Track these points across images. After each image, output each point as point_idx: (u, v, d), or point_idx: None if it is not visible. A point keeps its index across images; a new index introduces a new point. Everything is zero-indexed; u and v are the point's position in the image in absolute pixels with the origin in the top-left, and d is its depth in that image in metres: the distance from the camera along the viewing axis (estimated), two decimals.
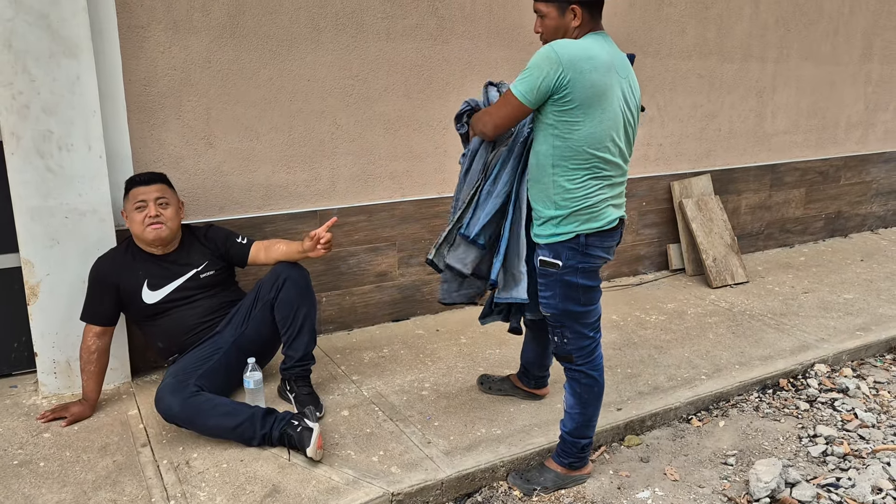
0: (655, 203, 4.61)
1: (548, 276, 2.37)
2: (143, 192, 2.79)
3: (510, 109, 2.28)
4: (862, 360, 3.65)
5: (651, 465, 2.75)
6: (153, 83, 3.03)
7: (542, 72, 2.16)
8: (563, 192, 2.28)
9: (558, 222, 2.31)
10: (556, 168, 2.27)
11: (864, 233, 5.80)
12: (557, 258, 2.33)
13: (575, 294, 2.37)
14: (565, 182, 2.27)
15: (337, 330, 3.71)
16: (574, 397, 2.49)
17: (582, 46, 2.18)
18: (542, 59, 2.16)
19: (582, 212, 2.29)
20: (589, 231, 2.31)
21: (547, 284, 2.38)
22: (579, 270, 2.34)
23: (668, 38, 4.37)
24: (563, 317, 2.40)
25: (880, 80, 5.47)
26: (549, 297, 2.39)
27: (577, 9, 2.23)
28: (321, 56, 3.35)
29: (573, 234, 2.31)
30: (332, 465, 2.53)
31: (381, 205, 3.67)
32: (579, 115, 2.19)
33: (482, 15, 3.71)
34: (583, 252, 2.32)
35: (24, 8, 2.62)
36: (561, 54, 2.15)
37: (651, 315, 4.00)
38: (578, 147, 2.23)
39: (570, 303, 2.38)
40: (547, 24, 2.29)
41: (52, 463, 2.54)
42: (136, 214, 2.77)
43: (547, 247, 2.36)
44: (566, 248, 2.32)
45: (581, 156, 2.24)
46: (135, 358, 3.18)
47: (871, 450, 2.86)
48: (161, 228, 2.79)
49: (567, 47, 2.16)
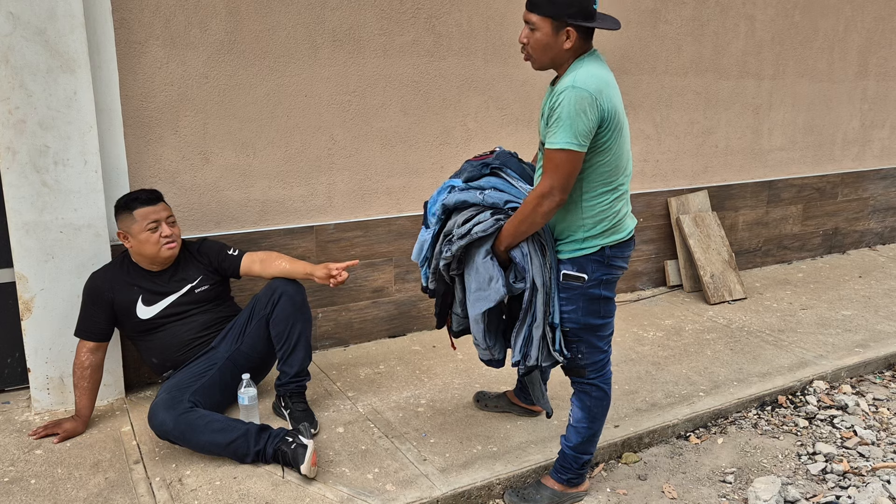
0: (653, 219, 4.61)
1: (571, 289, 2.35)
2: (153, 213, 2.77)
3: (574, 164, 2.15)
4: (861, 377, 3.64)
5: (649, 482, 2.73)
6: (150, 98, 3.04)
7: (585, 114, 2.10)
8: (593, 216, 2.28)
9: (584, 240, 2.31)
10: (585, 194, 2.26)
11: (861, 249, 5.80)
12: (583, 272, 2.32)
13: (596, 307, 2.36)
14: (594, 206, 2.27)
15: (333, 346, 3.69)
16: (583, 411, 2.47)
17: (596, 75, 2.15)
18: (579, 101, 2.10)
19: (608, 228, 2.30)
20: (613, 243, 2.32)
21: (570, 298, 2.36)
22: (603, 282, 2.34)
23: (664, 55, 4.39)
24: (583, 330, 2.39)
25: (876, 97, 5.50)
26: (571, 312, 2.37)
27: (571, 31, 2.17)
28: (318, 72, 3.36)
29: (598, 247, 2.31)
30: (327, 483, 2.50)
31: (377, 220, 3.66)
32: (610, 142, 2.19)
33: (479, 32, 3.73)
34: (607, 264, 2.33)
35: (22, 23, 2.63)
36: (592, 91, 2.11)
37: (648, 331, 3.99)
38: (607, 171, 2.24)
39: (591, 316, 2.37)
40: (537, 37, 2.20)
41: (43, 480, 2.51)
42: (150, 235, 2.76)
43: (570, 261, 2.33)
44: (591, 262, 2.32)
45: (608, 178, 2.25)
46: (128, 374, 3.16)
47: (871, 467, 2.84)
48: (176, 247, 2.81)
49: (588, 81, 2.12)
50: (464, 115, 3.79)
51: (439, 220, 2.47)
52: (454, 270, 2.45)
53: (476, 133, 3.84)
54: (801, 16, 4.89)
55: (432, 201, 2.54)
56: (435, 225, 2.48)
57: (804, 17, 4.90)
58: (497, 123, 3.90)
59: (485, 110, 3.84)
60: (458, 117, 3.77)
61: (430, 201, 2.56)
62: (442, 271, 2.47)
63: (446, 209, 2.46)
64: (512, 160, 2.55)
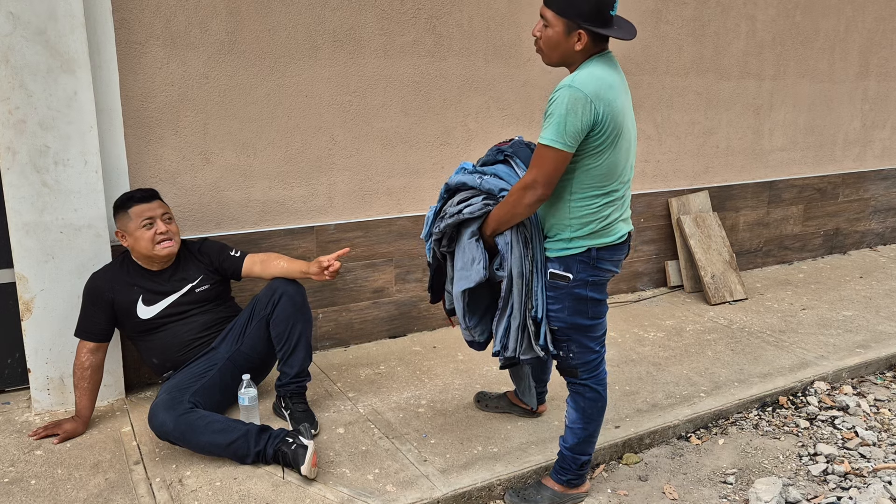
0: (653, 220, 4.61)
1: (558, 289, 2.35)
2: (148, 210, 2.78)
3: (558, 162, 2.14)
4: (862, 378, 3.63)
5: (650, 483, 2.72)
6: (150, 99, 3.04)
7: (577, 114, 2.09)
8: (580, 217, 2.28)
9: (570, 239, 2.31)
10: (574, 195, 2.26)
11: (862, 250, 5.79)
12: (568, 271, 2.32)
13: (583, 307, 2.36)
14: (582, 208, 2.27)
15: (333, 346, 3.68)
16: (577, 412, 2.47)
17: (598, 76, 2.14)
18: (571, 101, 2.08)
19: (596, 231, 2.29)
20: (600, 245, 2.31)
21: (556, 297, 2.36)
22: (589, 283, 2.34)
23: (664, 55, 4.39)
24: (571, 330, 2.39)
25: (877, 97, 5.49)
26: (557, 311, 2.37)
27: (583, 34, 2.16)
28: (319, 72, 3.36)
29: (585, 247, 2.30)
30: (327, 484, 2.50)
31: (378, 221, 3.66)
32: (606, 146, 2.18)
33: (479, 32, 3.72)
34: (593, 265, 2.32)
35: (22, 23, 2.63)
36: (587, 91, 2.09)
37: (649, 332, 3.98)
38: (599, 175, 2.23)
39: (579, 316, 2.37)
40: (549, 33, 2.20)
41: (43, 481, 2.51)
42: (145, 232, 2.76)
43: (557, 260, 2.34)
44: (577, 262, 2.31)
45: (600, 182, 2.24)
46: (129, 374, 3.16)
47: (872, 468, 2.83)
48: (172, 245, 2.80)
49: (587, 83, 2.11)
50: (464, 116, 3.78)
51: (441, 198, 2.53)
52: (444, 248, 2.51)
53: (477, 133, 3.84)
54: (802, 16, 4.89)
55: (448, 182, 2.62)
56: (438, 203, 2.54)
57: (805, 17, 4.90)
58: (498, 124, 3.89)
59: (486, 110, 3.84)
60: (459, 118, 3.77)
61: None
62: (434, 248, 2.54)
63: (449, 188, 2.52)
64: (524, 150, 2.56)
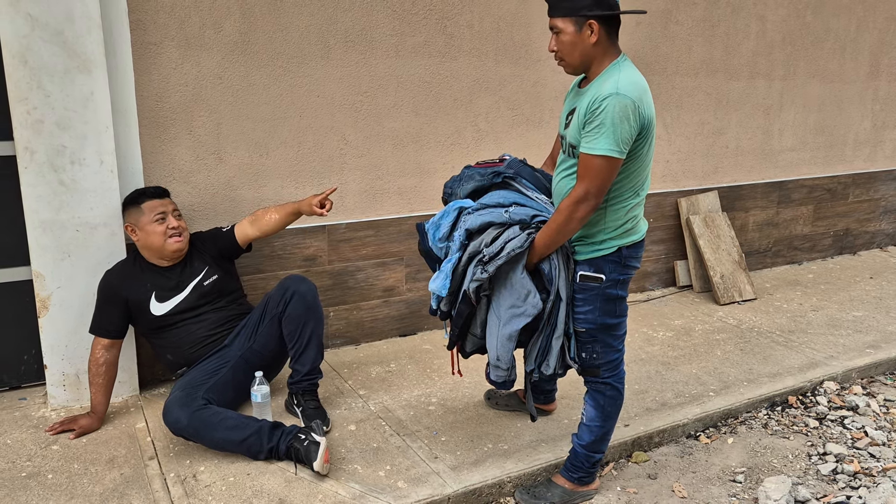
0: (663, 219, 4.62)
1: (588, 290, 2.36)
2: (160, 205, 2.83)
3: (612, 171, 2.16)
4: (872, 378, 3.63)
5: (659, 481, 2.74)
6: (165, 99, 3.07)
7: (628, 122, 2.11)
8: (615, 220, 2.30)
9: (602, 241, 2.33)
10: (612, 199, 2.28)
11: (872, 250, 5.78)
12: (600, 272, 2.34)
13: (612, 306, 2.39)
14: (618, 210, 2.29)
15: (344, 344, 3.71)
16: (597, 410, 2.49)
17: (636, 82, 2.16)
18: (622, 108, 2.10)
19: (628, 230, 2.33)
20: (629, 243, 2.34)
21: (586, 300, 2.37)
22: (619, 282, 2.37)
23: (674, 55, 4.39)
24: (598, 331, 2.40)
25: (887, 97, 5.47)
26: (587, 313, 2.38)
27: (594, 24, 2.16)
28: (330, 73, 3.39)
29: (616, 247, 2.33)
30: (339, 480, 2.53)
31: (388, 220, 3.69)
32: (645, 149, 2.22)
33: (490, 32, 3.74)
34: (623, 264, 2.35)
35: (40, 25, 2.67)
36: (634, 98, 2.11)
37: (658, 331, 3.99)
38: (636, 177, 2.26)
39: (608, 316, 2.39)
40: (563, 40, 2.21)
41: (59, 475, 2.55)
42: (156, 227, 2.81)
43: (587, 262, 2.35)
44: (608, 262, 2.34)
45: (634, 184, 2.28)
46: (143, 371, 3.19)
47: (882, 468, 2.84)
48: (182, 241, 2.85)
49: (631, 89, 2.12)
50: (475, 116, 3.80)
51: (461, 245, 2.39)
52: (485, 291, 2.36)
53: (487, 133, 3.86)
54: (813, 16, 4.88)
55: (433, 223, 2.51)
56: (457, 251, 2.40)
57: (816, 17, 4.89)
58: (508, 124, 3.91)
59: (496, 111, 3.86)
60: (470, 118, 3.79)
61: (428, 223, 2.53)
62: (470, 293, 2.35)
63: (469, 233, 2.39)
64: (525, 169, 2.56)
